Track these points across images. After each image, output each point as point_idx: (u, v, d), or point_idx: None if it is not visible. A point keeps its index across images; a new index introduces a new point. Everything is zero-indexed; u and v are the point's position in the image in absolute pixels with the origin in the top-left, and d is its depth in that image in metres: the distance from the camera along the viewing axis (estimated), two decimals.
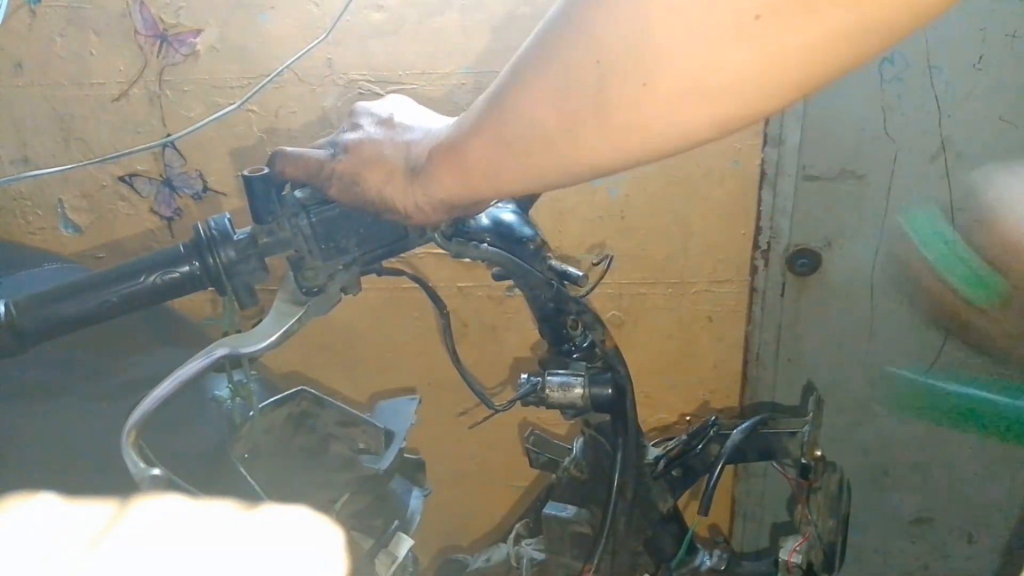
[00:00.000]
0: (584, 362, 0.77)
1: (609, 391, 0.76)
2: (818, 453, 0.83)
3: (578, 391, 0.76)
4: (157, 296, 0.62)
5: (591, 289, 0.75)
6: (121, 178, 1.40)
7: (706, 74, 0.41)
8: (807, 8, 0.38)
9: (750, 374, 1.52)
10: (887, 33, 0.40)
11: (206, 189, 1.40)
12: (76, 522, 0.22)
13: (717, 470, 0.82)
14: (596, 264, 0.77)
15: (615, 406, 0.77)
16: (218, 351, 0.60)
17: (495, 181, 0.55)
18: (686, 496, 0.88)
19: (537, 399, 0.77)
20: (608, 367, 0.77)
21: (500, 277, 0.75)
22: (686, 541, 0.85)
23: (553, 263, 0.74)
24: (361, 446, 0.80)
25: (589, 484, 0.86)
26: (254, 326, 0.63)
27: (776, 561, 0.84)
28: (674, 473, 0.85)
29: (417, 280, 0.78)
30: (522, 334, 1.47)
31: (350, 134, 0.62)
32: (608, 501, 0.78)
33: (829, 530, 0.84)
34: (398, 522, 0.80)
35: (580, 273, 0.74)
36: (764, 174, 1.36)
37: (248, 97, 1.26)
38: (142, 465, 0.54)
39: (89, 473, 0.59)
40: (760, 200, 1.38)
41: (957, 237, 0.60)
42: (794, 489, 0.85)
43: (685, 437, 0.86)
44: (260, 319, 0.64)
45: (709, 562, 0.87)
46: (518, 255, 0.72)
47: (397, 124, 0.61)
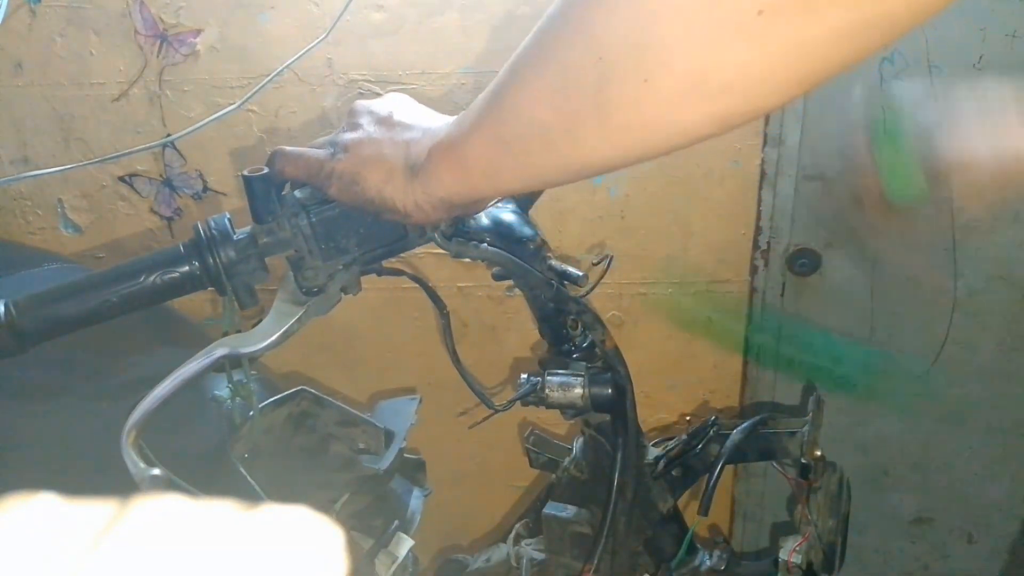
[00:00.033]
0: (584, 362, 0.77)
1: (609, 391, 0.76)
2: (818, 453, 0.83)
3: (578, 391, 0.76)
4: (157, 296, 0.62)
5: (591, 289, 0.75)
6: (121, 178, 1.40)
7: (708, 71, 0.41)
8: (808, 5, 0.38)
9: (750, 374, 1.52)
10: (888, 29, 0.40)
11: (206, 189, 1.40)
12: (76, 522, 0.22)
13: (717, 470, 0.82)
14: (596, 264, 0.76)
15: (615, 406, 0.77)
16: (218, 351, 0.60)
17: (495, 179, 0.55)
18: (686, 496, 0.88)
19: (537, 399, 0.77)
20: (608, 367, 0.77)
21: (500, 277, 0.75)
22: (686, 541, 0.85)
23: (553, 263, 0.74)
24: (361, 446, 0.80)
25: (589, 484, 0.86)
26: (254, 326, 0.63)
27: (776, 561, 0.84)
28: (674, 473, 0.85)
29: (417, 280, 0.78)
30: (522, 334, 1.47)
31: (349, 133, 0.62)
32: (608, 501, 0.78)
33: (829, 530, 0.84)
34: (398, 522, 0.79)
35: (580, 273, 0.74)
36: (764, 174, 1.36)
37: (248, 97, 1.26)
38: (142, 465, 0.54)
39: (89, 473, 0.59)
40: (760, 200, 1.38)
41: (906, 135, 0.61)
42: (794, 489, 0.85)
43: (685, 437, 0.86)
44: (260, 319, 0.64)
45: (709, 562, 0.87)
46: (518, 255, 0.72)
47: (396, 123, 0.61)
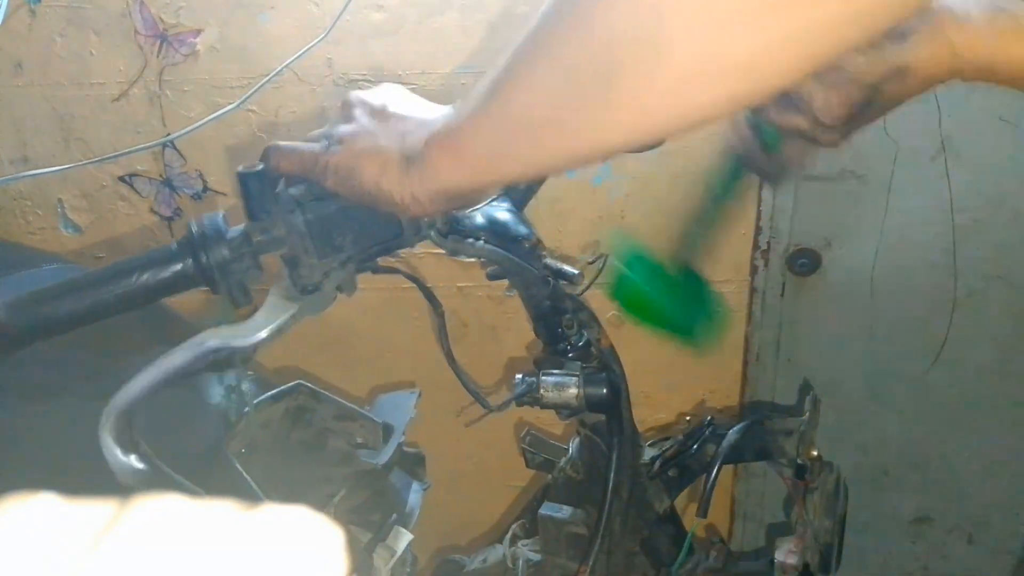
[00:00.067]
0: (579, 362, 0.77)
1: (604, 391, 0.76)
2: (814, 453, 0.82)
3: (573, 391, 0.75)
4: (151, 295, 0.62)
5: (587, 287, 0.75)
6: (121, 178, 1.41)
7: (718, 52, 0.41)
8: None
9: (750, 374, 1.52)
10: (900, 6, 0.40)
11: (206, 189, 1.41)
12: (76, 522, 0.22)
13: (714, 471, 0.82)
14: (591, 263, 0.76)
15: (610, 406, 0.77)
16: (207, 342, 0.59)
17: (497, 166, 0.55)
18: (686, 498, 0.88)
19: (532, 399, 0.77)
20: (603, 366, 0.77)
21: (495, 276, 0.75)
22: (686, 545, 0.85)
23: (548, 261, 0.74)
24: (359, 440, 0.79)
25: (585, 484, 0.86)
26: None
27: (772, 561, 0.84)
28: (670, 473, 0.85)
29: (412, 279, 0.78)
30: (522, 334, 1.47)
31: (344, 126, 0.61)
32: (604, 501, 0.78)
33: (825, 530, 0.83)
34: (396, 516, 0.79)
35: (575, 271, 0.74)
36: None
37: (248, 97, 1.26)
38: (120, 455, 0.52)
39: (89, 473, 0.59)
40: (760, 200, 1.38)
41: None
42: (790, 489, 0.85)
43: (681, 437, 0.86)
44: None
45: (706, 562, 0.87)
46: (513, 253, 0.72)
47: (391, 114, 0.60)
